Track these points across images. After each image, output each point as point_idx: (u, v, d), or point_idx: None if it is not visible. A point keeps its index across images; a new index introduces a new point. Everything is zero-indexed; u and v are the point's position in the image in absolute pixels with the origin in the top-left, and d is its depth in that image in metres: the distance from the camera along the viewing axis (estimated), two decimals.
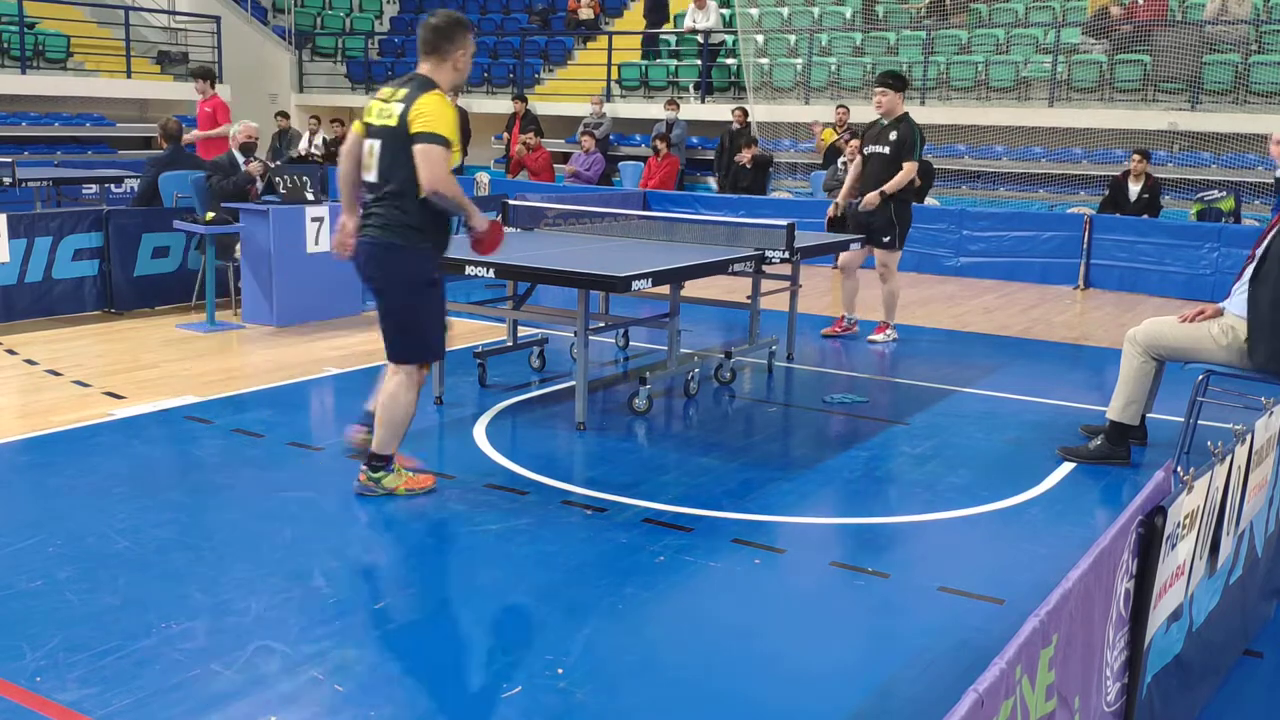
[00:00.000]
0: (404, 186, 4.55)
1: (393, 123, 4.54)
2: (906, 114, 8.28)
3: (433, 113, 4.47)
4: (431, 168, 4.45)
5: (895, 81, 8.27)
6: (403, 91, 4.60)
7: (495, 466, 5.36)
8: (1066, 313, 10.35)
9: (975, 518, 4.89)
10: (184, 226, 8.56)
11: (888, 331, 8.60)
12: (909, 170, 8.14)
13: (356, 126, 4.75)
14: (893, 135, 8.19)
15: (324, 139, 16.73)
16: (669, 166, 15.03)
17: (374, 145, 4.63)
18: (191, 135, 11.77)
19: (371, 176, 4.66)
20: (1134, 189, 12.22)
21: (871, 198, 8.19)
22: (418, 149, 4.46)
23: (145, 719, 3.07)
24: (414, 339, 4.78)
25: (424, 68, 4.66)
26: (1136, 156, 12.16)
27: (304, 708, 3.16)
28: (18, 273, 8.26)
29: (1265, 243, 5.17)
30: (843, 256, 8.57)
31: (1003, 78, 15.09)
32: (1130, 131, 13.94)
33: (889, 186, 8.13)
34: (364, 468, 4.88)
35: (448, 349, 5.10)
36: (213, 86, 12.02)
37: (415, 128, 4.46)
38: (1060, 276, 11.89)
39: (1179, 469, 2.61)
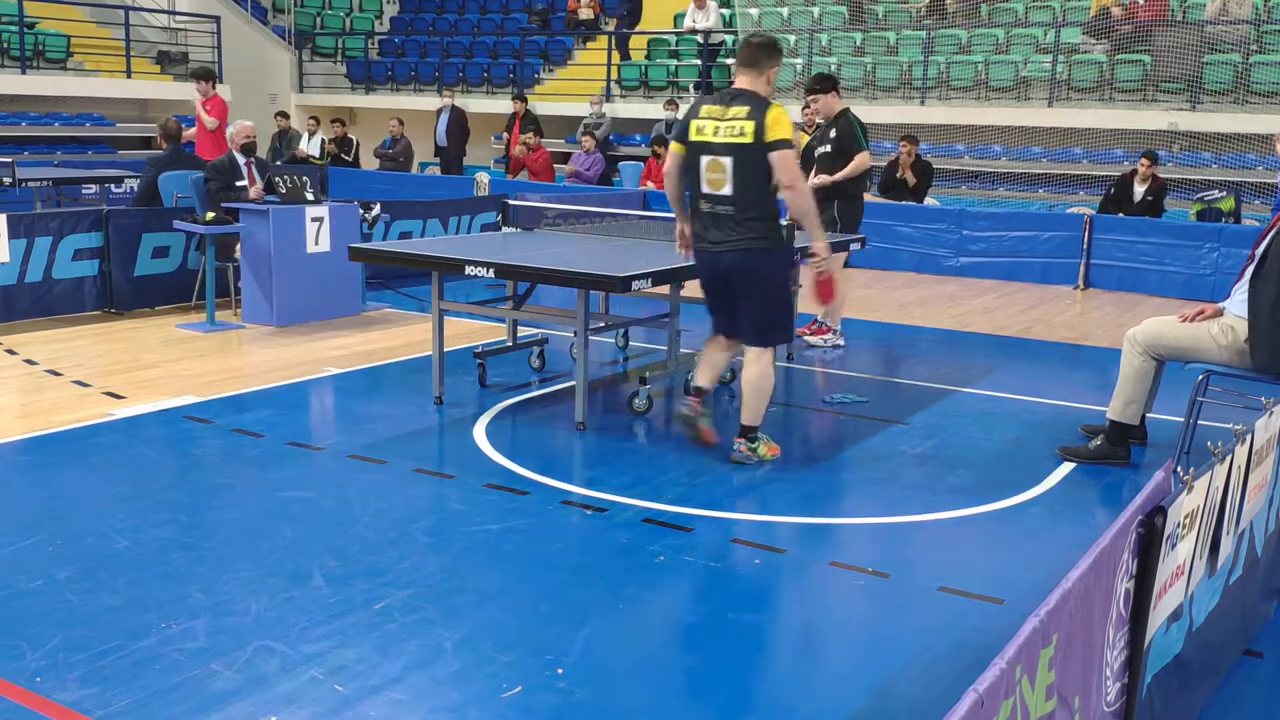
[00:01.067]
0: (765, 195, 5.22)
1: (747, 139, 5.12)
2: (845, 110, 8.34)
3: (784, 122, 5.12)
4: (790, 169, 5.15)
5: (823, 84, 8.36)
6: (739, 109, 5.18)
7: (495, 466, 5.36)
8: (1066, 313, 10.35)
9: (975, 518, 4.89)
10: (184, 226, 8.56)
11: (828, 335, 8.39)
12: (860, 161, 8.16)
13: (675, 147, 5.41)
14: (832, 133, 8.27)
15: (323, 140, 16.69)
16: None
17: (723, 162, 5.21)
18: (193, 128, 11.85)
19: (726, 190, 5.23)
20: (1139, 190, 12.21)
21: (822, 179, 8.25)
22: (775, 155, 5.10)
23: (145, 719, 3.08)
24: (779, 327, 5.56)
25: (743, 81, 5.29)
26: (1145, 161, 12.12)
27: (304, 708, 3.16)
28: (18, 273, 8.25)
29: (1265, 243, 5.16)
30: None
31: (1002, 78, 15.09)
32: (1130, 131, 13.93)
33: (839, 175, 8.18)
34: (741, 439, 5.47)
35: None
36: (213, 87, 12.03)
37: (770, 136, 5.09)
38: (1060, 276, 11.88)
39: (1179, 469, 2.61)
